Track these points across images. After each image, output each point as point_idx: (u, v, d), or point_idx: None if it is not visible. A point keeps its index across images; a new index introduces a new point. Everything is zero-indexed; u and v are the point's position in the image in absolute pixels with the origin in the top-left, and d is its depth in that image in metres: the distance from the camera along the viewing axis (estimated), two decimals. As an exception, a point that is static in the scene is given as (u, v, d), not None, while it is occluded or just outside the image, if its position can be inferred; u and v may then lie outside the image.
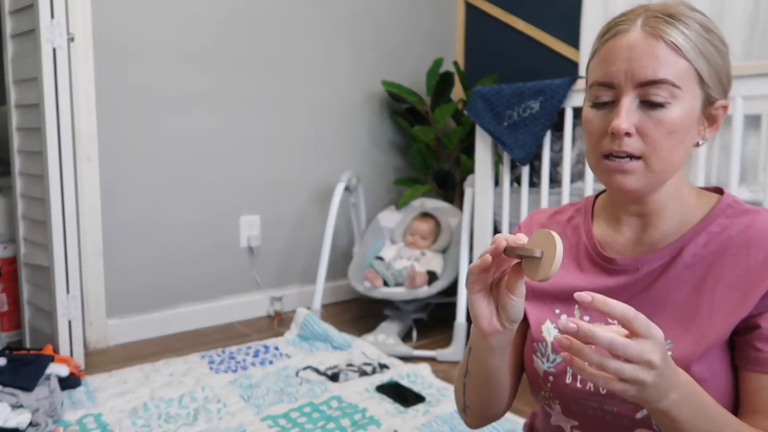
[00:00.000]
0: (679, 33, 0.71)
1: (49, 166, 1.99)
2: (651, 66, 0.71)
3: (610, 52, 0.75)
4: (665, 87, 0.71)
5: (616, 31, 0.75)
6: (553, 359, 0.83)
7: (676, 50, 0.71)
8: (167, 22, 2.43)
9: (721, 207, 0.79)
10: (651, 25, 0.72)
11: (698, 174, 1.70)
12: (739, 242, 0.75)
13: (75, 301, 2.07)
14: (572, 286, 0.84)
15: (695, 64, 0.72)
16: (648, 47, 0.71)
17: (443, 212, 2.80)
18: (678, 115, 0.72)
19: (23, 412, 1.59)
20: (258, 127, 2.72)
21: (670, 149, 0.73)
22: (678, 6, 0.74)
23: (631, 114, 0.73)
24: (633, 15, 0.74)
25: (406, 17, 3.16)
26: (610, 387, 0.62)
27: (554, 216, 0.94)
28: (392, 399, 1.82)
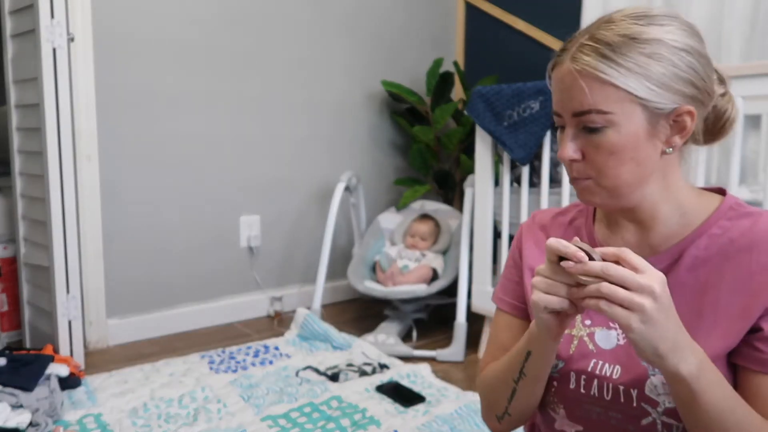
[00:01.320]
0: (600, 58, 0.72)
1: (49, 166, 1.99)
2: (577, 98, 0.73)
3: (553, 83, 0.78)
4: (594, 116, 0.73)
5: (554, 62, 0.78)
6: (556, 364, 0.83)
7: (597, 79, 0.72)
8: (167, 22, 2.43)
9: (723, 209, 0.79)
10: (576, 57, 0.73)
11: (698, 174, 1.70)
12: (741, 245, 0.75)
13: (75, 301, 2.07)
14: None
15: (624, 86, 0.71)
16: (573, 80, 0.73)
17: (443, 214, 2.80)
18: (615, 138, 0.73)
19: (23, 412, 1.59)
20: (258, 127, 2.72)
21: (614, 169, 0.75)
22: (615, 24, 0.73)
23: (575, 141, 0.76)
24: (570, 44, 0.76)
25: (406, 17, 3.16)
26: (612, 313, 0.63)
27: (557, 217, 0.94)
28: (392, 399, 1.82)
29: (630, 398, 0.77)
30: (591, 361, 0.80)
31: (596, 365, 0.80)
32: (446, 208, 2.83)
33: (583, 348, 0.82)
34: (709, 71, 0.76)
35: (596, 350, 0.81)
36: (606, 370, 0.79)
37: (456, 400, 1.81)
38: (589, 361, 0.81)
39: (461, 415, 1.71)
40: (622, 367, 0.78)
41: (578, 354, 0.82)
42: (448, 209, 2.83)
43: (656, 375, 0.75)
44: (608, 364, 0.79)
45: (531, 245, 0.93)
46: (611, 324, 0.81)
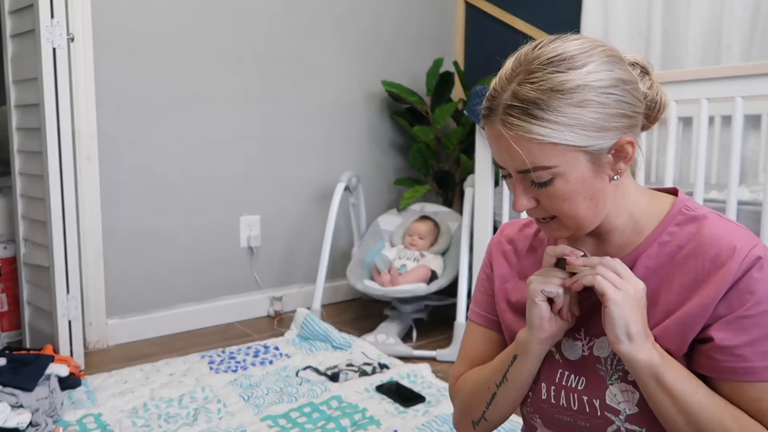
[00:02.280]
0: (532, 120, 0.70)
1: (49, 166, 1.99)
2: (517, 158, 0.73)
3: (489, 139, 0.77)
4: (538, 173, 0.73)
5: (486, 122, 0.76)
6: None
7: (533, 141, 0.71)
8: (167, 22, 2.43)
9: (672, 214, 0.80)
10: (507, 122, 0.72)
11: (698, 174, 1.70)
12: (687, 252, 0.76)
13: (75, 301, 2.07)
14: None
15: (563, 141, 0.71)
16: (508, 144, 0.72)
17: (443, 216, 2.80)
18: (563, 185, 0.74)
19: (23, 412, 1.59)
20: (258, 127, 2.72)
21: (571, 211, 0.75)
22: (536, 75, 0.71)
23: (527, 192, 0.77)
24: (496, 101, 0.74)
25: (406, 17, 3.16)
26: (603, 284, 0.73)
27: (523, 229, 0.96)
28: (392, 399, 1.82)
29: (594, 408, 0.79)
30: (558, 372, 0.83)
31: (563, 376, 0.83)
32: (446, 210, 2.83)
33: (550, 359, 0.85)
34: (637, 94, 0.75)
35: (562, 360, 0.84)
36: (572, 382, 0.82)
37: (456, 400, 1.81)
38: (557, 371, 0.84)
39: (461, 415, 1.71)
40: (586, 378, 0.81)
41: (547, 365, 0.84)
42: (448, 211, 2.83)
43: (614, 384, 0.78)
44: (574, 375, 0.82)
45: (500, 258, 0.96)
46: (576, 335, 0.83)
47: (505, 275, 0.94)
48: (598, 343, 0.81)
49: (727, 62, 2.26)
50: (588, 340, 0.82)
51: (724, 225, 0.76)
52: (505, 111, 0.72)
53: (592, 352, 0.81)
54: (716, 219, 0.77)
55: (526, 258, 0.93)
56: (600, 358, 0.80)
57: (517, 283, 0.92)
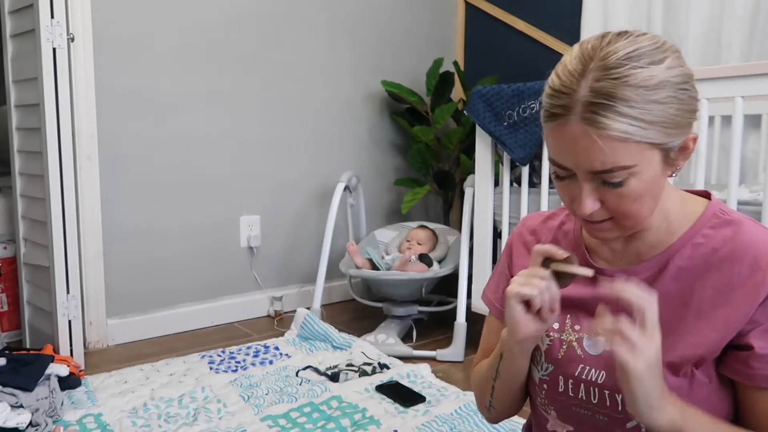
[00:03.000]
0: (620, 120, 0.67)
1: (49, 166, 1.99)
2: (598, 159, 0.69)
3: (555, 140, 0.72)
4: (617, 173, 0.70)
5: (556, 121, 0.71)
6: (546, 368, 0.86)
7: (618, 139, 0.68)
8: (167, 22, 2.43)
9: (706, 216, 0.79)
10: (588, 118, 0.68)
11: (698, 174, 1.70)
12: (723, 255, 0.75)
13: (75, 301, 2.07)
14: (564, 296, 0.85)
15: (645, 140, 0.69)
16: (590, 142, 0.68)
17: (442, 230, 2.79)
18: (638, 185, 0.71)
19: (23, 412, 1.59)
20: (258, 127, 2.72)
21: (637, 211, 0.74)
22: (617, 71, 0.68)
23: (593, 194, 0.73)
24: (570, 98, 0.69)
25: (406, 17, 3.16)
26: (622, 353, 0.67)
27: (546, 221, 0.95)
28: (392, 399, 1.82)
29: (615, 402, 0.79)
30: (578, 366, 0.83)
31: (583, 370, 0.82)
32: (444, 227, 2.84)
33: (571, 353, 0.84)
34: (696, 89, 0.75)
35: (584, 355, 0.83)
36: (592, 375, 0.81)
37: (456, 400, 1.81)
38: (577, 365, 0.83)
39: (461, 415, 1.71)
40: (606, 373, 0.80)
41: (566, 358, 0.84)
42: (446, 228, 2.83)
43: None
44: (594, 369, 0.81)
45: (521, 249, 0.96)
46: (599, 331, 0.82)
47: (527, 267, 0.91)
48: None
49: (727, 62, 2.26)
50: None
51: (761, 231, 0.75)
52: (587, 108, 0.68)
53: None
54: (753, 224, 0.77)
55: None
56: None
57: None
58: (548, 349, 0.86)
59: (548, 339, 0.86)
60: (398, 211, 3.17)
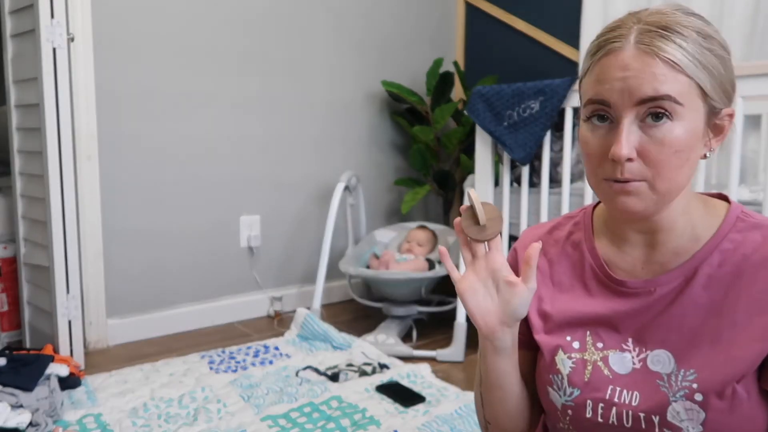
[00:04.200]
0: (676, 47, 0.66)
1: (49, 166, 1.99)
2: (650, 83, 0.66)
3: (604, 70, 0.70)
4: (666, 104, 0.67)
5: (609, 49, 0.70)
6: (570, 393, 0.79)
7: (674, 66, 0.66)
8: (167, 22, 2.43)
9: (730, 220, 0.75)
10: (645, 41, 0.67)
11: (698, 174, 1.70)
12: (755, 261, 0.72)
13: (75, 301, 2.07)
14: (581, 312, 0.81)
15: (696, 79, 0.67)
16: (644, 65, 0.67)
17: (442, 231, 2.80)
18: (681, 133, 0.68)
19: (23, 412, 1.59)
20: (258, 127, 2.72)
21: (675, 169, 0.69)
22: (673, 14, 0.69)
23: (631, 137, 0.68)
24: (625, 29, 0.69)
25: (406, 17, 3.16)
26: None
27: (552, 232, 0.90)
28: (392, 399, 1.82)
29: (652, 425, 0.73)
30: (609, 388, 0.77)
31: (614, 392, 0.76)
32: (444, 227, 2.84)
33: (598, 374, 0.78)
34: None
35: (612, 375, 0.77)
36: (624, 397, 0.75)
37: (456, 400, 1.81)
38: (607, 387, 0.77)
39: (461, 415, 1.71)
40: (641, 394, 0.74)
41: (594, 381, 0.78)
42: (446, 228, 2.83)
43: (678, 401, 0.72)
44: (626, 390, 0.75)
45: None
46: (624, 346, 0.78)
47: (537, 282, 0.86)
48: (653, 356, 0.75)
49: (727, 62, 2.26)
50: (638, 351, 0.77)
51: None
52: (641, 34, 0.68)
53: (645, 364, 0.76)
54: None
55: (558, 263, 0.87)
56: (661, 374, 0.74)
57: (552, 291, 0.86)
58: (571, 373, 0.79)
59: (570, 361, 0.80)
60: (398, 211, 3.17)
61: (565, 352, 0.81)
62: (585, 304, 0.81)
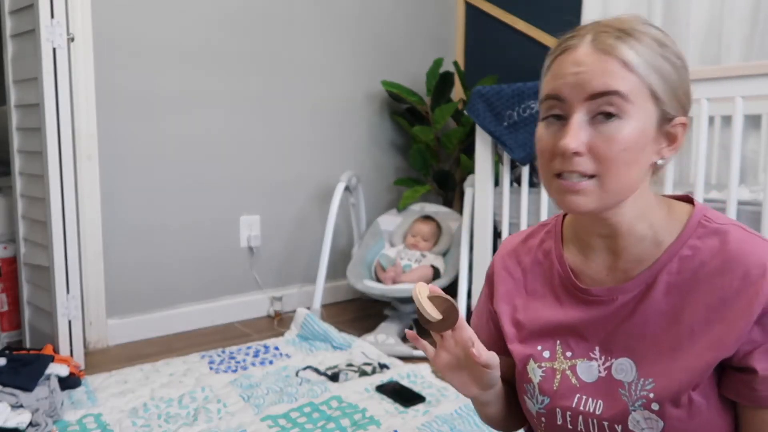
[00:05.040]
0: (628, 48, 0.69)
1: (49, 166, 1.99)
2: (600, 79, 0.69)
3: (559, 67, 0.73)
4: (615, 100, 0.68)
5: (565, 46, 0.73)
6: (542, 401, 0.82)
7: (625, 65, 0.69)
8: (167, 22, 2.43)
9: (692, 225, 0.75)
10: (600, 40, 0.71)
11: (698, 174, 1.70)
12: (711, 269, 0.72)
13: (75, 301, 2.07)
14: (551, 321, 0.83)
15: (647, 80, 0.69)
16: (597, 61, 0.70)
17: (444, 216, 2.79)
18: (630, 132, 0.69)
19: (23, 412, 1.59)
20: (258, 127, 2.72)
21: (623, 167, 0.70)
22: (631, 21, 0.73)
23: (581, 132, 0.70)
24: (583, 31, 0.73)
25: (406, 17, 3.16)
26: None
27: (526, 241, 0.91)
28: (392, 399, 1.82)
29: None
30: (575, 396, 0.79)
31: (580, 400, 0.79)
32: (446, 210, 2.83)
33: (566, 382, 0.80)
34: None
35: (579, 384, 0.79)
36: (590, 406, 0.78)
37: (456, 400, 1.81)
38: (574, 396, 0.79)
39: (461, 415, 1.71)
40: (604, 402, 0.76)
41: (563, 389, 0.80)
42: (448, 211, 2.82)
43: (637, 411, 0.73)
44: (591, 398, 0.78)
45: (504, 275, 0.92)
46: (591, 355, 0.79)
47: (511, 292, 0.89)
48: (617, 364, 0.77)
49: (727, 62, 2.26)
50: (604, 360, 0.78)
51: (750, 239, 0.72)
52: (597, 33, 0.72)
53: (610, 373, 0.77)
54: (740, 232, 0.73)
55: (531, 272, 0.88)
56: (623, 383, 0.76)
57: (525, 300, 0.88)
58: (542, 381, 0.82)
59: (541, 370, 0.82)
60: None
61: (536, 361, 0.83)
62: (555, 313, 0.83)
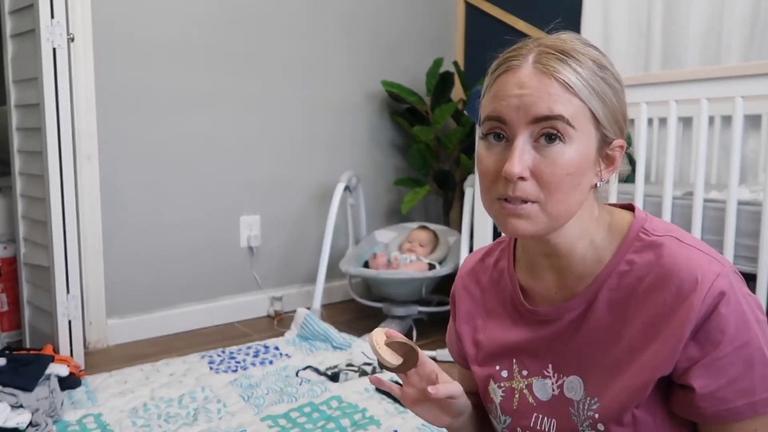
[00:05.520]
0: (571, 71, 0.68)
1: (49, 166, 1.99)
2: (545, 102, 0.67)
3: (501, 88, 0.71)
4: (559, 125, 0.67)
5: (507, 66, 0.71)
6: (504, 420, 0.84)
7: (568, 89, 0.68)
8: (167, 22, 2.43)
9: (629, 239, 0.74)
10: (542, 62, 0.69)
11: (698, 174, 1.70)
12: (647, 285, 0.71)
13: (75, 301, 2.07)
14: (507, 341, 0.83)
15: (588, 104, 0.69)
16: (540, 84, 0.68)
17: (442, 231, 2.79)
18: (573, 156, 0.68)
19: (23, 412, 1.59)
20: (258, 127, 2.72)
21: (566, 192, 0.69)
22: (571, 41, 0.71)
23: (525, 156, 0.68)
24: (525, 50, 0.71)
25: (406, 17, 3.16)
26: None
27: (484, 260, 0.92)
28: (392, 399, 1.82)
29: None
30: (533, 415, 0.80)
31: (537, 419, 0.79)
32: (444, 228, 2.84)
33: (524, 401, 0.81)
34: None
35: (536, 403, 0.80)
36: (545, 425, 0.78)
37: (456, 400, 1.81)
38: (531, 414, 0.80)
39: (461, 415, 1.71)
40: (557, 421, 0.77)
41: (522, 408, 0.81)
42: (446, 228, 2.83)
43: (585, 430, 0.74)
44: (546, 417, 0.78)
45: (464, 295, 0.93)
46: (545, 372, 0.79)
47: (471, 312, 0.90)
48: (568, 383, 0.77)
49: (727, 62, 2.26)
50: (557, 378, 0.78)
51: (683, 252, 0.70)
52: (539, 55, 0.70)
53: (562, 391, 0.78)
54: (675, 245, 0.71)
55: (488, 291, 0.89)
56: (573, 401, 0.76)
57: (485, 320, 0.88)
58: (502, 401, 0.83)
59: (500, 390, 0.83)
60: (398, 211, 3.17)
61: (495, 381, 0.84)
62: (510, 333, 0.83)
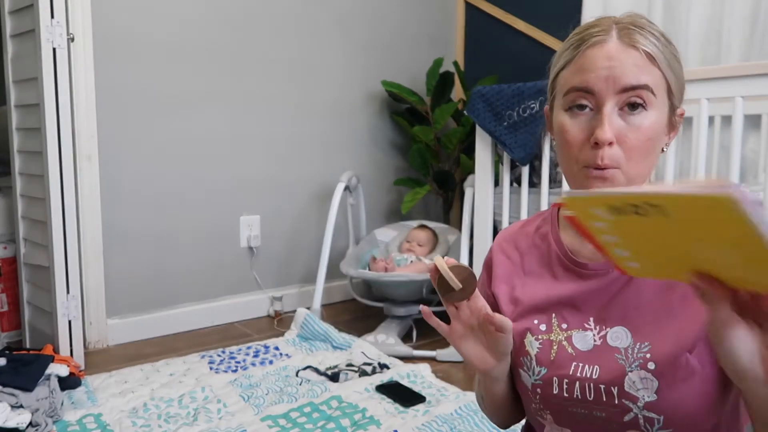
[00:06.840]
0: (651, 43, 0.75)
1: (49, 166, 1.99)
2: (633, 73, 0.74)
3: (589, 60, 0.76)
4: (644, 93, 0.74)
5: (593, 41, 0.77)
6: (538, 372, 0.85)
7: (651, 60, 0.75)
8: (167, 22, 2.43)
9: None
10: (627, 35, 0.75)
11: (698, 174, 1.70)
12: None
13: (75, 301, 2.07)
14: (548, 296, 0.86)
15: (666, 74, 0.76)
16: (627, 56, 0.74)
17: (442, 230, 2.79)
18: (653, 121, 0.75)
19: (23, 412, 1.59)
20: (258, 127, 2.72)
21: (645, 156, 0.76)
22: (641, 19, 0.78)
23: (613, 122, 0.75)
24: (605, 26, 0.77)
25: (406, 17, 3.16)
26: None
27: (524, 227, 0.97)
28: (392, 399, 1.82)
29: (611, 396, 0.78)
30: (572, 364, 0.82)
31: (577, 368, 0.81)
32: (444, 226, 2.84)
33: (563, 353, 0.83)
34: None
35: (575, 353, 0.82)
36: (586, 372, 0.80)
37: (456, 400, 1.81)
38: (570, 364, 0.82)
39: (461, 415, 1.71)
40: (600, 367, 0.80)
41: (560, 359, 0.83)
42: (446, 227, 2.83)
43: (633, 371, 0.77)
44: (587, 365, 0.81)
45: (501, 257, 0.95)
46: (586, 325, 0.82)
47: (510, 273, 0.93)
48: (612, 333, 0.80)
49: (727, 62, 2.26)
50: (599, 329, 0.82)
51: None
52: (621, 30, 0.76)
53: (606, 341, 0.80)
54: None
55: (528, 254, 0.93)
56: (619, 349, 0.79)
57: (523, 279, 0.91)
58: (539, 353, 0.85)
59: (537, 342, 0.85)
60: (398, 211, 3.17)
61: (532, 334, 0.86)
62: (551, 288, 0.86)
